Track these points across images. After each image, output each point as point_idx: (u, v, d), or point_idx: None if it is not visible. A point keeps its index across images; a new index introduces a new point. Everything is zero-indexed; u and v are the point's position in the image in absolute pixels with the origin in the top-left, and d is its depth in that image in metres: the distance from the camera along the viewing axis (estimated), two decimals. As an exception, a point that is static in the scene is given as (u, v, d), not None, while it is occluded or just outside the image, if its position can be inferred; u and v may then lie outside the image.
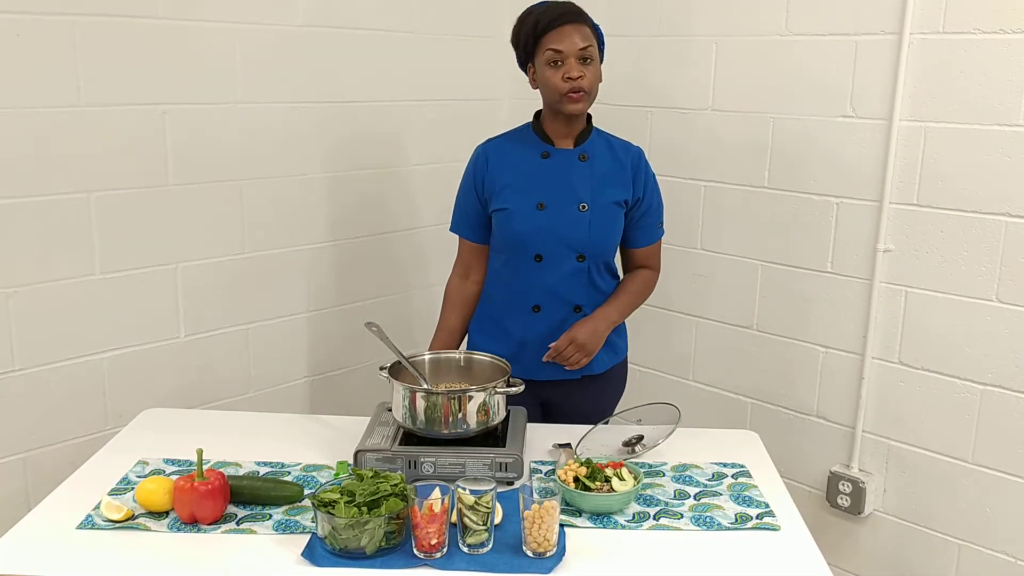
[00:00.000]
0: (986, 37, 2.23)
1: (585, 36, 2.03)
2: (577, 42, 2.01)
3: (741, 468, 1.90)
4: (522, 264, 2.12)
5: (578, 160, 2.12)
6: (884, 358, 2.52)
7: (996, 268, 2.29)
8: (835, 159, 2.53)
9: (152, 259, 2.42)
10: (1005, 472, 2.34)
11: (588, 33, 2.04)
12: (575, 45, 2.01)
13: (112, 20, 2.24)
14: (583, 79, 2.02)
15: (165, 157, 2.39)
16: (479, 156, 2.18)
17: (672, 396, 2.69)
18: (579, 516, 1.68)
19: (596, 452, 1.89)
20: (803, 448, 2.72)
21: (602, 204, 2.10)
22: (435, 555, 1.52)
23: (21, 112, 2.13)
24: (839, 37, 2.47)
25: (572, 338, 2.05)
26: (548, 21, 2.02)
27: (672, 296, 2.94)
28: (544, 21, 2.02)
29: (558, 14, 2.02)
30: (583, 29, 2.03)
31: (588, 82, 2.03)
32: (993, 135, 2.25)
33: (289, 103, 2.63)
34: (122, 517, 1.63)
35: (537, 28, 2.03)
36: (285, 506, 1.70)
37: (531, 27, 2.04)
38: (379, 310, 2.97)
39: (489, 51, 3.11)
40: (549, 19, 2.02)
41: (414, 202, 3.03)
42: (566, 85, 2.01)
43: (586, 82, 2.02)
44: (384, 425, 1.91)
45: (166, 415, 2.19)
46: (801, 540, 1.64)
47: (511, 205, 2.11)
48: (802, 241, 2.64)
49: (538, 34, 2.03)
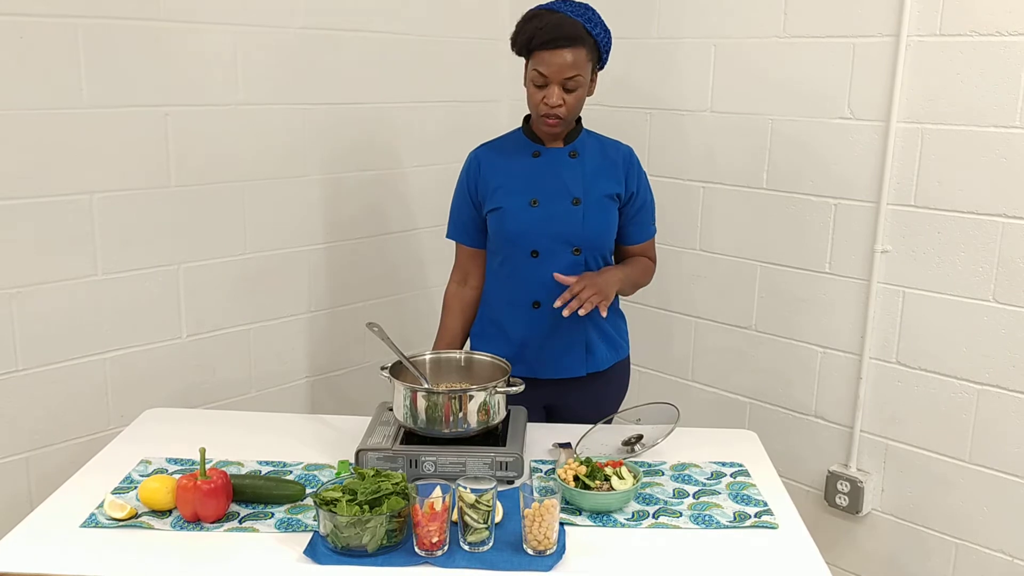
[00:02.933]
0: (983, 39, 2.24)
1: (577, 62, 1.97)
2: (565, 70, 1.97)
3: (740, 467, 1.91)
4: (519, 261, 2.13)
5: (568, 157, 2.12)
6: (882, 358, 2.54)
7: (993, 269, 2.30)
8: (833, 161, 2.54)
9: (154, 260, 2.43)
10: (1002, 471, 2.36)
11: (582, 58, 1.99)
12: (561, 73, 1.97)
13: (115, 22, 2.25)
14: (561, 107, 2.00)
15: (167, 158, 2.40)
16: (471, 162, 2.19)
17: (671, 396, 2.71)
18: (579, 515, 1.69)
19: (596, 451, 1.90)
20: (801, 447, 2.74)
21: (595, 197, 2.10)
22: (436, 553, 1.53)
23: (24, 113, 2.14)
24: (836, 39, 2.48)
25: (582, 277, 1.98)
26: (543, 40, 1.97)
27: (671, 297, 2.95)
28: (539, 39, 1.97)
29: (553, 36, 1.95)
30: (578, 52, 1.98)
31: (566, 110, 2.01)
32: (990, 137, 2.26)
33: (290, 105, 2.64)
34: (125, 515, 1.64)
35: (531, 43, 1.99)
36: (287, 505, 1.71)
37: (526, 39, 2.00)
38: (380, 311, 2.97)
39: (489, 53, 3.12)
40: (543, 39, 1.96)
41: (415, 203, 3.04)
42: (544, 109, 2.01)
43: (564, 110, 2.01)
44: (385, 424, 1.92)
45: (168, 415, 2.20)
46: (799, 539, 1.65)
47: (504, 204, 2.11)
48: (800, 242, 2.65)
49: (532, 48, 2.00)
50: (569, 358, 2.15)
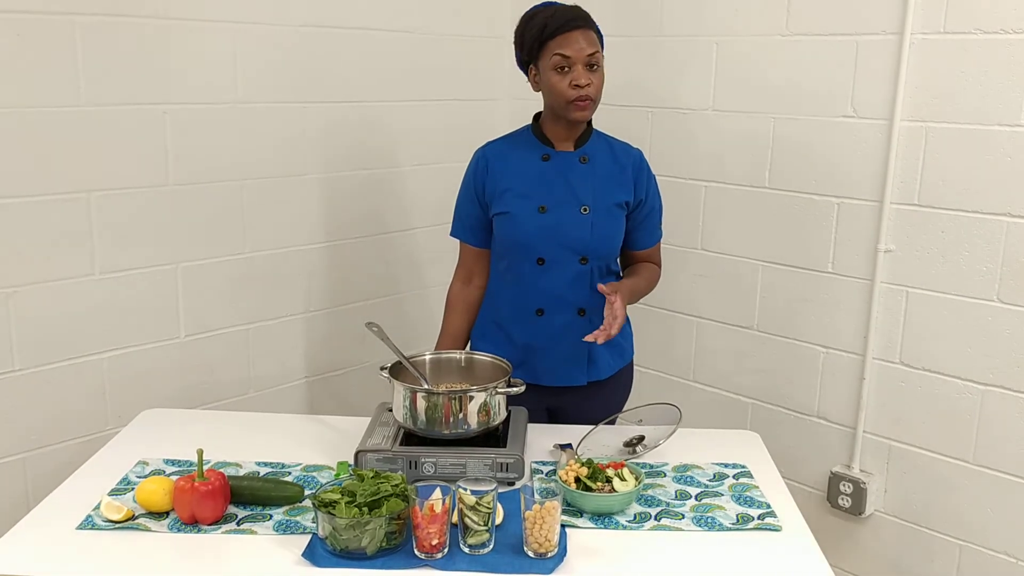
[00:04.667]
0: (987, 37, 2.22)
1: (592, 42, 2.00)
2: (585, 48, 1.98)
3: (742, 468, 1.90)
4: (525, 268, 2.11)
5: (579, 162, 2.11)
6: (885, 358, 2.52)
7: (997, 268, 2.29)
8: (836, 159, 2.53)
9: (152, 259, 2.42)
10: (1006, 472, 2.34)
11: (594, 39, 2.01)
12: (583, 51, 1.98)
13: (113, 20, 2.24)
14: (590, 87, 1.99)
15: (165, 157, 2.39)
16: (479, 160, 2.16)
17: (673, 396, 2.69)
18: (580, 516, 1.68)
19: (597, 452, 1.89)
20: (804, 448, 2.72)
21: (604, 206, 2.09)
22: (436, 556, 1.52)
23: (21, 111, 2.13)
24: (840, 37, 2.47)
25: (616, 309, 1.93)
26: (556, 26, 1.98)
27: (673, 296, 2.94)
28: (552, 25, 1.98)
29: (567, 19, 1.98)
30: (590, 35, 2.00)
31: (595, 89, 2.01)
32: (994, 135, 2.24)
33: (289, 104, 2.63)
34: (122, 517, 1.63)
35: (544, 32, 1.99)
36: (285, 506, 1.70)
37: (537, 30, 2.00)
38: (379, 310, 2.96)
39: (488, 51, 3.11)
40: (557, 24, 1.98)
41: (414, 203, 3.03)
42: (573, 92, 1.99)
43: (592, 89, 2.00)
44: (385, 425, 1.91)
45: (166, 415, 2.19)
46: (802, 540, 1.64)
47: (512, 209, 2.09)
48: (803, 241, 2.63)
49: (544, 38, 1.99)
50: (571, 366, 2.13)
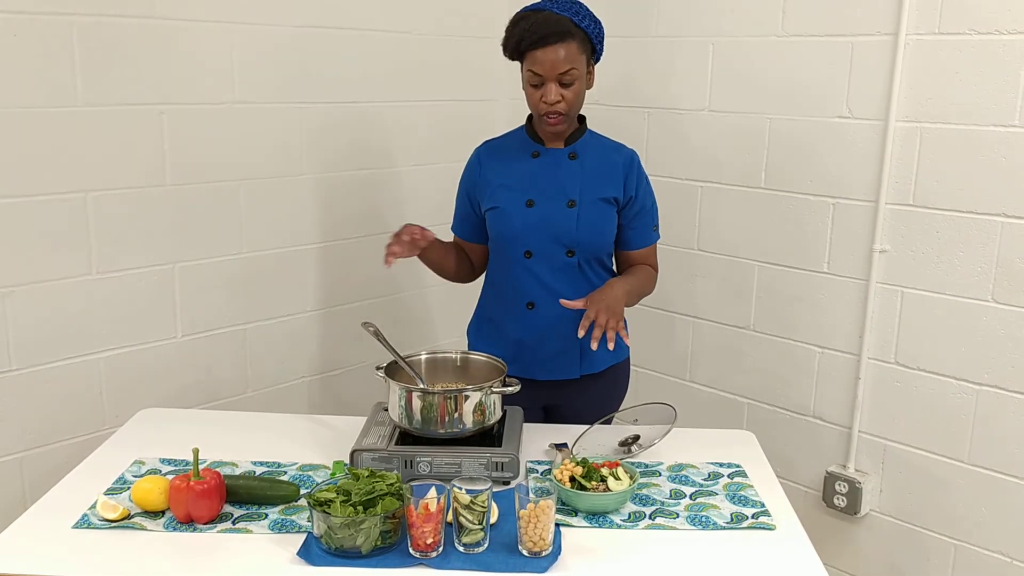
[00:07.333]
0: (982, 38, 2.23)
1: (570, 56, 1.97)
2: (558, 65, 1.96)
3: (737, 468, 1.90)
4: (513, 260, 2.13)
5: (567, 159, 2.12)
6: (880, 358, 2.53)
7: (992, 268, 2.29)
8: (831, 160, 2.53)
9: (149, 259, 2.42)
10: (1001, 472, 2.35)
11: (574, 51, 1.98)
12: (555, 69, 1.97)
13: (110, 20, 2.24)
14: (561, 103, 2.00)
15: (162, 157, 2.39)
16: (474, 158, 2.21)
17: (669, 396, 2.70)
18: (575, 515, 1.68)
19: (592, 452, 1.89)
20: (799, 448, 2.73)
21: (591, 200, 2.10)
22: (431, 554, 1.52)
23: (18, 112, 2.13)
24: (835, 38, 2.48)
25: (590, 300, 1.94)
26: (531, 41, 1.96)
27: (669, 296, 2.94)
28: (528, 40, 1.97)
29: (542, 34, 1.95)
30: (570, 47, 1.97)
31: (566, 105, 2.01)
32: (989, 136, 2.25)
33: (286, 104, 2.63)
34: (118, 516, 1.63)
35: (521, 45, 1.99)
36: (281, 505, 1.70)
37: (515, 42, 1.99)
38: (376, 310, 2.97)
39: (486, 51, 3.11)
40: (532, 40, 1.96)
41: (411, 203, 3.03)
42: (543, 107, 2.01)
43: (564, 105, 2.00)
44: (380, 425, 1.91)
45: (163, 415, 2.19)
46: (797, 540, 1.64)
47: (501, 203, 2.12)
48: (799, 242, 2.64)
49: (522, 50, 1.99)
50: (564, 360, 2.14)
